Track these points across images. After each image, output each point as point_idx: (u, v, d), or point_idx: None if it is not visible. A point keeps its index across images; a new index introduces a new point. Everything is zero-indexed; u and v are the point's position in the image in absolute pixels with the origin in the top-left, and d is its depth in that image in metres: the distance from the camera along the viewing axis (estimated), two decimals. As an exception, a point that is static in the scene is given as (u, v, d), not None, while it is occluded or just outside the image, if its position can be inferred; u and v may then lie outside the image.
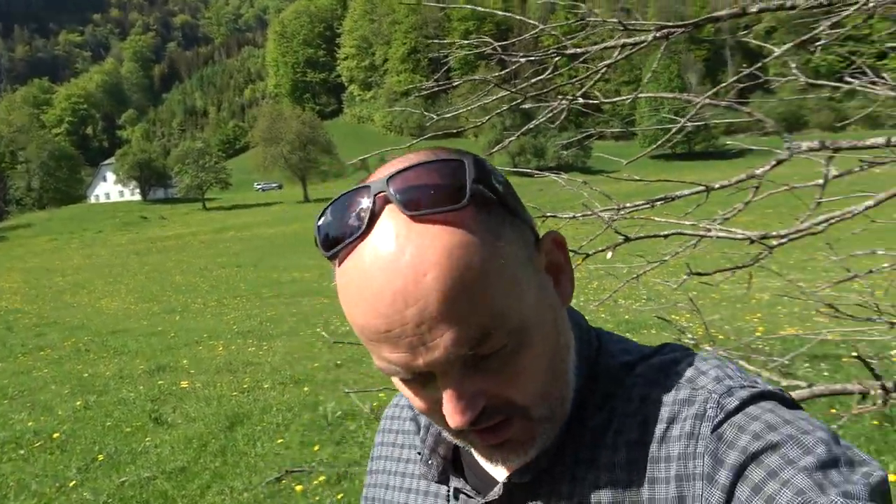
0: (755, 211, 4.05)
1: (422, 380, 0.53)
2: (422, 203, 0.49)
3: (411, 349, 0.49)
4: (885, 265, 4.52)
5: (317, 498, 3.59)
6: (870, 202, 3.67)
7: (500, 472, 0.61)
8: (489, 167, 0.53)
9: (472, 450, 0.61)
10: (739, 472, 0.48)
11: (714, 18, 3.57)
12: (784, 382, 3.39)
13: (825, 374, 4.94)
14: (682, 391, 0.55)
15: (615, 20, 3.65)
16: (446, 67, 4.89)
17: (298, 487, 3.69)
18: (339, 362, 6.98)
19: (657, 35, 3.61)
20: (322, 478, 3.78)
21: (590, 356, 0.61)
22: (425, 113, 4.72)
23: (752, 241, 3.77)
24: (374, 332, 0.50)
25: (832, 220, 3.72)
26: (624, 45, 3.64)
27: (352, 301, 0.51)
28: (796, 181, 3.65)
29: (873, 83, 4.09)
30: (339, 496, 3.57)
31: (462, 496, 0.64)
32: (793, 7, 3.45)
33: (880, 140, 3.72)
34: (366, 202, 0.51)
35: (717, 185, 3.68)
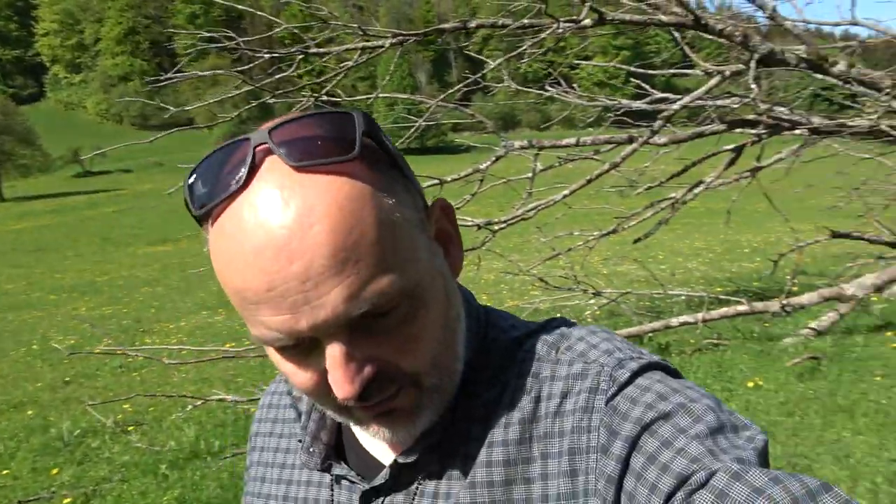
0: (480, 201, 4.63)
1: (305, 349, 0.48)
2: (308, 153, 0.45)
3: (294, 309, 0.45)
4: (580, 244, 5.51)
5: (61, 523, 3.29)
6: (566, 191, 4.48)
7: (385, 454, 0.59)
8: (378, 125, 0.50)
9: (357, 426, 0.57)
10: (634, 443, 0.48)
11: (441, 30, 4.04)
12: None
13: (541, 337, 5.82)
14: (575, 365, 0.54)
15: (356, 25, 3.93)
16: (188, 58, 4.72)
17: (37, 515, 3.35)
18: (67, 379, 6.25)
19: (393, 42, 3.97)
20: (67, 500, 3.46)
21: (479, 331, 0.59)
22: (162, 105, 4.52)
23: (480, 227, 4.35)
24: (252, 293, 0.45)
25: (540, 207, 4.47)
26: (364, 49, 3.93)
27: (226, 261, 0.46)
28: (512, 174, 4.30)
29: (566, 91, 4.97)
30: (89, 515, 3.32)
31: (345, 482, 0.60)
32: (504, 26, 4.06)
33: (572, 140, 4.57)
34: (246, 155, 0.46)
35: (449, 179, 4.17)
